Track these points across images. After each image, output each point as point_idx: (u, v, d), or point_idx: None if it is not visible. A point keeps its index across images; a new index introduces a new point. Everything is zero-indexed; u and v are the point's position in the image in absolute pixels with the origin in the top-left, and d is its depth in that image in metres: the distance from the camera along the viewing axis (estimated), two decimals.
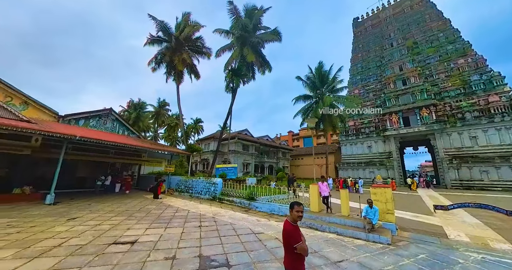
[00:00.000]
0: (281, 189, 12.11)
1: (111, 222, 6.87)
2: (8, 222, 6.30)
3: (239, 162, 32.13)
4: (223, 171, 14.79)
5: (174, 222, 7.16)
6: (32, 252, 4.21)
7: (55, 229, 5.81)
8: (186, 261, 4.11)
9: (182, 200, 12.50)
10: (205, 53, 20.52)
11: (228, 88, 16.78)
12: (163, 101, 49.25)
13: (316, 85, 23.38)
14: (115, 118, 20.33)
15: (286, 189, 13.15)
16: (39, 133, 8.95)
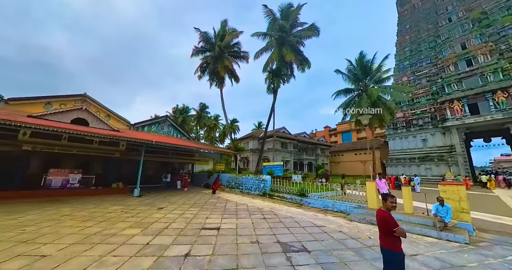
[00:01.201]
0: (329, 186, 12.16)
1: (190, 212, 8.24)
2: (121, 208, 8.23)
3: (278, 160, 32.67)
4: (270, 169, 15.56)
5: (241, 214, 8.13)
6: (152, 231, 5.57)
7: (155, 215, 7.36)
8: (269, 245, 4.84)
9: (235, 195, 13.72)
10: (243, 57, 21.61)
11: (269, 89, 17.38)
12: (203, 105, 53.16)
13: (358, 77, 22.04)
14: (170, 124, 23.27)
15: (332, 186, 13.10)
16: (126, 140, 11.18)
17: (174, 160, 21.41)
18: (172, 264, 3.70)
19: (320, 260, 4.10)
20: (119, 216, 7.06)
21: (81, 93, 16.88)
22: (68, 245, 4.42)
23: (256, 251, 4.47)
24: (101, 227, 5.72)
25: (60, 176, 11.11)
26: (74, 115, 11.12)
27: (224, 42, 20.14)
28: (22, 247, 4.20)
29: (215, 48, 19.98)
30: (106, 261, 3.73)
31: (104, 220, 6.46)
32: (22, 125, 8.08)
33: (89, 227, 5.70)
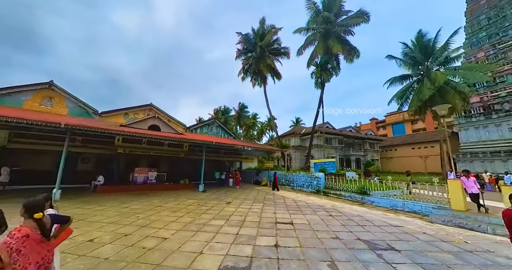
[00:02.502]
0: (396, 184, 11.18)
1: (256, 207, 8.84)
2: (196, 202, 9.43)
3: (323, 156, 31.46)
4: (322, 166, 15.24)
5: (305, 210, 8.30)
6: (234, 223, 6.25)
7: (228, 209, 8.18)
8: (352, 242, 4.86)
9: (288, 192, 13.95)
10: (284, 53, 21.55)
11: (317, 84, 16.91)
12: (242, 105, 55.13)
13: (417, 61, 19.35)
14: (218, 125, 25.00)
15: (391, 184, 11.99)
16: (191, 141, 12.62)
17: (224, 159, 22.99)
18: (270, 253, 4.12)
19: (417, 260, 3.93)
20: (199, 208, 8.11)
21: (148, 104, 19.75)
22: (175, 230, 5.37)
23: (341, 247, 4.56)
24: (191, 217, 6.71)
25: (143, 173, 13.36)
26: (150, 123, 13.23)
27: (265, 41, 20.46)
28: (146, 230, 5.32)
29: (257, 49, 20.48)
30: (213, 246, 4.41)
31: (190, 212, 7.53)
32: (120, 133, 10.05)
33: (182, 217, 6.76)
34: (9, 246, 1.72)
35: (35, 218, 2.02)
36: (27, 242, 1.83)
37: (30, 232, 1.90)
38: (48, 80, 15.25)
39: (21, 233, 1.84)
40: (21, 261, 1.74)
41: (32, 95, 14.57)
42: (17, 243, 1.76)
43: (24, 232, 1.86)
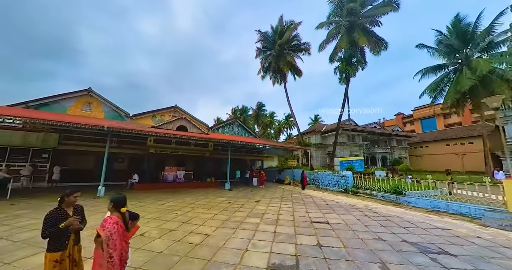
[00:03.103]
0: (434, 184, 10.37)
1: (286, 205, 8.80)
2: (226, 200, 9.67)
3: (346, 154, 30.32)
4: (349, 164, 14.68)
5: (337, 210, 8.08)
6: (269, 221, 6.29)
7: (258, 207, 8.27)
8: (398, 244, 4.62)
9: (314, 191, 13.69)
10: (304, 49, 21.07)
11: (341, 80, 16.25)
12: (260, 104, 55.19)
13: (453, 49, 17.64)
14: (238, 124, 25.35)
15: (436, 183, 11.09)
16: (216, 141, 12.95)
17: (246, 157, 23.25)
18: (314, 252, 4.08)
19: (480, 267, 3.62)
20: (231, 206, 8.31)
21: (173, 105, 20.70)
22: (215, 227, 5.56)
23: (387, 248, 4.36)
24: (226, 215, 6.89)
25: (172, 172, 14.05)
26: (178, 124, 13.85)
27: (284, 38, 20.18)
28: (187, 226, 5.58)
29: (276, 46, 20.28)
30: (256, 244, 4.48)
31: (223, 209, 7.75)
32: (153, 134, 10.66)
33: (217, 214, 6.98)
34: (106, 227, 2.07)
35: (120, 212, 2.29)
36: (117, 228, 2.15)
37: (119, 220, 2.20)
38: (86, 87, 16.72)
39: (113, 219, 2.17)
40: (112, 242, 2.06)
41: (75, 101, 16.05)
42: (110, 226, 2.08)
43: (115, 219, 2.18)
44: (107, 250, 2.07)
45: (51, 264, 2.16)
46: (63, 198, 2.37)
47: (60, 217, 2.26)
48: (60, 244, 2.22)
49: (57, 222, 2.20)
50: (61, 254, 2.21)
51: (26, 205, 7.56)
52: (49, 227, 2.16)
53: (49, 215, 2.23)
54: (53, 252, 2.18)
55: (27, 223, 5.51)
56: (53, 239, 2.20)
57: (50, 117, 9.14)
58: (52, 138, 12.43)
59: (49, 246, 2.20)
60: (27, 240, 4.37)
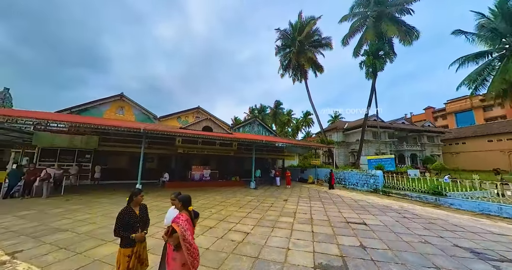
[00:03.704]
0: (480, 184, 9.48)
1: (316, 205, 8.69)
2: (254, 198, 9.83)
3: (371, 152, 28.92)
4: (378, 163, 13.98)
5: (371, 210, 7.78)
6: (303, 220, 6.27)
7: (288, 206, 8.28)
8: (449, 248, 4.33)
9: (342, 191, 13.30)
10: (325, 44, 20.44)
11: (368, 74, 15.45)
12: (278, 102, 54.78)
13: (498, 33, 15.76)
14: (259, 123, 25.45)
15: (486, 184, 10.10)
16: (240, 140, 13.16)
17: (267, 156, 23.32)
18: (359, 253, 3.99)
19: None
20: (261, 205, 8.42)
21: (195, 107, 21.44)
22: (252, 226, 5.69)
23: (438, 253, 4.11)
24: (259, 214, 7.00)
25: (199, 171, 14.61)
26: (203, 124, 14.36)
27: (304, 34, 19.75)
28: (225, 224, 5.78)
29: (296, 43, 19.93)
30: (296, 243, 4.50)
31: (254, 208, 7.89)
32: (182, 134, 11.17)
33: (250, 213, 7.12)
34: (180, 223, 2.26)
35: (188, 210, 2.47)
36: (188, 225, 2.31)
37: (188, 218, 2.38)
38: (118, 93, 18.01)
39: (184, 217, 2.36)
40: (187, 237, 2.24)
41: (110, 106, 17.38)
42: (183, 223, 2.29)
43: (185, 217, 2.38)
44: (183, 244, 2.25)
45: (125, 258, 2.41)
46: (132, 198, 2.59)
47: (130, 216, 2.49)
48: (130, 241, 2.46)
49: (128, 221, 2.44)
50: (131, 250, 2.45)
51: (78, 201, 8.42)
52: (122, 225, 2.41)
53: (121, 214, 2.46)
54: (125, 248, 2.42)
55: (84, 217, 6.14)
56: (126, 237, 2.44)
57: (92, 121, 10.05)
58: (93, 140, 13.63)
59: (122, 243, 2.44)
60: (88, 232, 4.88)
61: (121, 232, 2.40)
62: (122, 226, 2.41)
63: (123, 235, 2.41)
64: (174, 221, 2.37)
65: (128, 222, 2.44)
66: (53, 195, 9.16)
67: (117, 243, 4.18)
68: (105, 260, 3.52)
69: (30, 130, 12.83)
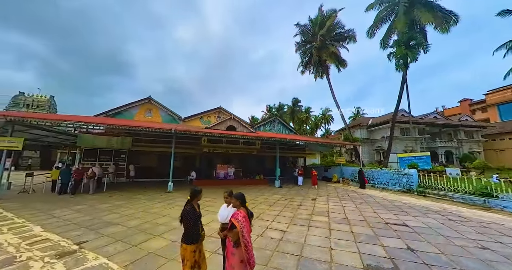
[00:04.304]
0: None
1: (347, 204, 8.42)
2: (282, 197, 9.82)
3: (399, 150, 27.15)
4: (411, 161, 13.07)
5: (410, 212, 7.33)
6: (338, 220, 6.12)
7: (319, 205, 8.13)
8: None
9: (371, 191, 12.71)
10: (348, 37, 19.57)
11: (398, 67, 14.42)
12: (295, 100, 53.90)
13: None
14: (279, 122, 25.24)
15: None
16: (264, 139, 13.20)
17: (288, 154, 23.11)
18: (409, 256, 3.79)
19: None
20: (290, 204, 8.39)
21: (217, 107, 21.90)
22: (287, 224, 5.70)
23: (500, 260, 3.75)
24: (290, 212, 6.98)
25: (223, 170, 14.97)
26: (227, 124, 14.69)
27: (325, 28, 19.10)
28: (260, 222, 5.86)
29: (317, 38, 19.36)
30: (338, 243, 4.41)
31: (284, 206, 7.88)
32: (207, 134, 11.52)
33: (282, 211, 7.12)
34: (239, 219, 2.36)
35: (245, 207, 2.54)
36: (246, 222, 2.37)
37: (245, 215, 2.45)
38: (146, 96, 19.10)
39: (242, 214, 2.43)
40: (245, 233, 2.34)
41: (139, 109, 18.49)
42: (242, 220, 2.37)
43: (243, 213, 2.45)
44: (242, 240, 2.34)
45: (191, 254, 2.56)
46: (195, 196, 2.74)
47: (194, 213, 2.65)
48: (195, 238, 2.60)
49: (193, 218, 2.60)
50: (196, 246, 2.59)
51: (120, 197, 9.13)
52: (191, 222, 2.56)
53: (188, 212, 2.60)
54: (191, 244, 2.56)
55: (129, 212, 6.65)
56: (190, 235, 2.58)
57: (129, 123, 10.82)
58: (127, 141, 14.64)
59: (187, 239, 2.57)
60: (136, 227, 5.27)
61: (191, 229, 2.55)
62: (191, 223, 2.56)
63: (192, 232, 2.56)
64: (234, 217, 2.46)
65: (194, 219, 2.59)
66: (97, 192, 10.05)
67: (164, 238, 4.53)
68: (158, 253, 3.77)
69: (75, 133, 14.22)
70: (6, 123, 8.57)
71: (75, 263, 3.34)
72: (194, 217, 2.62)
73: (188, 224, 2.56)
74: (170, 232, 4.87)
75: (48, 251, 3.73)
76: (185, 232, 2.59)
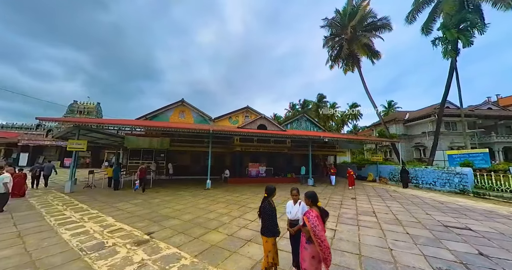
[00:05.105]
0: None
1: (392, 204, 7.96)
2: (320, 196, 9.65)
3: (444, 146, 24.47)
4: (465, 158, 11.70)
5: (470, 215, 6.64)
6: (388, 220, 5.84)
7: (361, 205, 7.85)
8: None
9: (415, 191, 11.78)
10: (382, 26, 18.21)
11: (446, 53, 12.86)
12: (320, 96, 52.08)
13: None
14: (306, 119, 24.79)
15: None
16: (295, 137, 13.10)
17: (318, 152, 22.55)
18: (485, 262, 3.47)
19: None
20: (330, 202, 8.25)
21: (245, 107, 22.30)
22: (334, 222, 5.65)
23: None
24: (334, 211, 6.83)
25: (255, 168, 15.28)
26: (258, 123, 14.96)
27: (356, 19, 18.05)
28: None
29: (347, 30, 18.40)
30: (395, 244, 4.23)
31: (325, 205, 7.75)
32: (241, 133, 11.85)
33: None
34: (310, 219, 2.44)
35: (318, 206, 2.61)
36: (318, 221, 2.42)
37: (318, 214, 2.50)
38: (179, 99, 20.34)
39: (314, 213, 2.50)
40: (318, 232, 2.39)
41: (173, 111, 19.80)
42: (313, 219, 2.43)
43: (315, 213, 2.51)
44: (315, 239, 2.41)
45: (274, 246, 2.78)
46: (272, 193, 2.92)
47: (273, 208, 2.86)
48: (275, 231, 2.80)
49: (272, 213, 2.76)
50: (274, 238, 2.76)
51: (165, 193, 9.96)
52: (269, 215, 2.74)
53: (267, 208, 2.83)
54: (273, 237, 2.76)
55: (179, 207, 7.22)
56: (271, 228, 2.77)
57: (169, 125, 11.71)
58: (166, 141, 15.85)
59: (269, 232, 2.77)
60: (191, 221, 5.71)
61: (270, 223, 2.74)
62: (270, 217, 2.74)
63: (272, 225, 2.74)
64: (306, 215, 2.55)
65: (271, 213, 2.77)
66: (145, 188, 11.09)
67: (220, 232, 4.84)
68: (220, 246, 4.06)
69: (122, 135, 15.85)
70: (74, 128, 9.97)
71: (152, 251, 3.78)
72: (272, 212, 2.78)
73: (267, 218, 2.73)
74: (223, 227, 5.19)
75: (127, 239, 4.29)
76: (265, 226, 2.77)
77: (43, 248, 3.81)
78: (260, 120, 15.09)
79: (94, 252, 3.67)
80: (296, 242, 2.85)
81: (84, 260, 3.39)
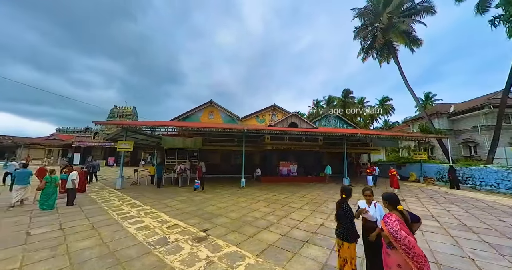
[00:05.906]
0: None
1: (450, 208, 7.14)
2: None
3: (502, 142, 21.25)
4: None
5: None
6: (453, 226, 5.23)
7: (414, 207, 7.20)
8: None
9: (472, 193, 10.47)
10: (425, 10, 16.42)
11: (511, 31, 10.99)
12: (346, 91, 49.34)
13: None
14: (335, 116, 23.76)
15: None
16: (326, 135, 12.55)
17: (351, 151, 21.42)
18: None
19: None
20: None
21: (271, 105, 22.15)
22: None
23: None
24: None
25: (286, 167, 15.09)
26: (289, 121, 14.73)
27: (393, 5, 16.58)
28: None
29: (383, 18, 16.99)
30: (476, 253, 3.74)
31: None
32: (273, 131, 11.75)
33: None
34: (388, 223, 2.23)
35: (397, 209, 2.36)
36: (401, 225, 2.21)
37: (398, 219, 2.26)
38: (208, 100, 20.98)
39: (393, 217, 2.32)
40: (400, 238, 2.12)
41: (203, 112, 20.53)
42: (392, 223, 2.20)
43: (395, 217, 2.31)
44: (398, 246, 2.17)
45: (355, 252, 2.64)
46: (351, 193, 2.79)
47: (351, 211, 2.73)
48: (357, 236, 2.67)
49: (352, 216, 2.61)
50: (354, 244, 2.60)
51: (204, 190, 10.34)
52: (351, 218, 2.60)
53: (349, 210, 2.70)
54: (352, 242, 2.61)
55: (222, 205, 7.40)
56: (354, 233, 2.65)
57: (202, 125, 12.13)
58: (199, 141, 16.50)
59: (351, 238, 2.64)
60: (238, 219, 5.78)
61: (352, 227, 2.59)
62: (351, 221, 2.60)
63: (353, 230, 2.60)
64: (383, 220, 2.33)
65: (352, 217, 2.62)
66: (184, 185, 11.68)
67: (272, 231, 4.79)
68: (278, 246, 4.02)
69: (159, 136, 16.93)
70: (122, 130, 10.91)
71: (213, 248, 3.89)
72: (352, 215, 2.64)
73: (349, 222, 2.59)
74: (274, 226, 5.15)
75: (186, 235, 4.49)
76: (347, 230, 2.63)
77: (117, 240, 4.18)
78: (291, 118, 14.82)
79: (161, 247, 3.90)
80: (371, 247, 2.66)
81: (155, 254, 3.62)
